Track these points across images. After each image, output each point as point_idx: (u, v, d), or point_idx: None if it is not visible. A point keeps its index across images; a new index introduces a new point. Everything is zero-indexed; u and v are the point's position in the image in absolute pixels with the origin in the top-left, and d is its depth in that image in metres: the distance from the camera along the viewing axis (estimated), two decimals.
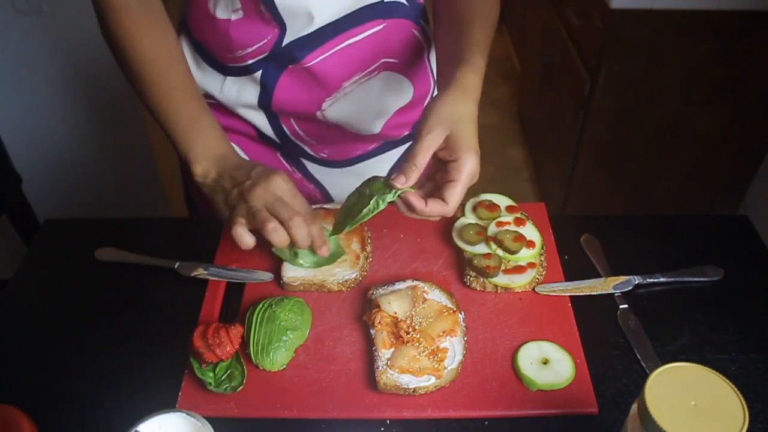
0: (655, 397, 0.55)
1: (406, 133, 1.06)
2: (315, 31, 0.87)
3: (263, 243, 0.77)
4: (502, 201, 0.93)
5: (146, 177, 2.01)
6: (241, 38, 0.88)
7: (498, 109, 3.06)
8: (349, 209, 0.77)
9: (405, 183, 0.72)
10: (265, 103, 0.95)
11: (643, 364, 0.77)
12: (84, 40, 1.68)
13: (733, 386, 0.56)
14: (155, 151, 1.95)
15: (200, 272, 0.87)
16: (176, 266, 0.88)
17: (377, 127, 1.01)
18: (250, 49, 0.89)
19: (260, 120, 0.99)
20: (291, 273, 0.86)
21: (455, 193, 0.72)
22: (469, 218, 0.92)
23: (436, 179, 0.78)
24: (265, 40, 0.88)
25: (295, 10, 0.85)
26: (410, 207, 0.74)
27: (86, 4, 0.86)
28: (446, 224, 0.94)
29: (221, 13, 0.88)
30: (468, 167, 0.72)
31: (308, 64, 0.89)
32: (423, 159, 0.73)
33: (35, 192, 1.72)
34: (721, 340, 0.80)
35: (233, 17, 0.87)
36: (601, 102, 1.86)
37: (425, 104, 0.95)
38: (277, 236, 0.75)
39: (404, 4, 0.91)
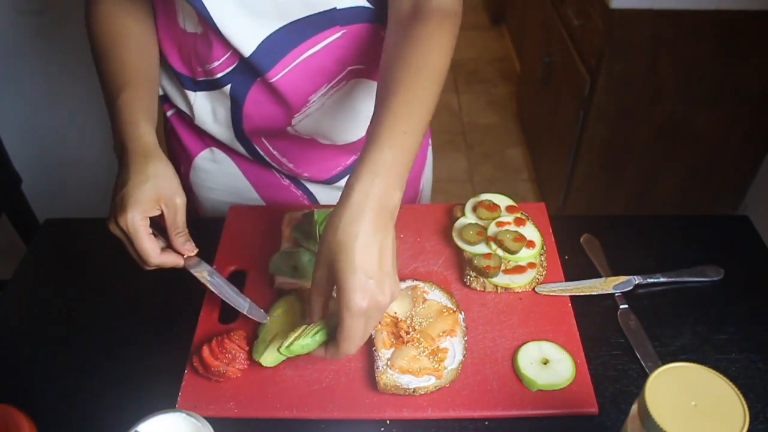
0: (655, 397, 0.55)
1: None
2: (270, 36, 0.82)
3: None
4: (502, 201, 0.93)
5: None
6: (207, 51, 0.87)
7: (498, 109, 3.06)
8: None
9: (310, 321, 0.70)
10: (236, 119, 0.93)
11: (643, 364, 0.77)
12: (84, 40, 1.67)
13: (733, 386, 0.56)
14: None
15: (203, 274, 0.84)
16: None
17: (356, 135, 0.98)
18: (216, 63, 0.87)
19: (230, 140, 0.97)
20: (281, 279, 0.85)
21: (341, 326, 0.65)
22: (469, 218, 0.92)
23: None
24: (230, 52, 0.86)
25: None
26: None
27: None
28: (446, 224, 0.94)
29: (189, 27, 0.87)
30: (345, 309, 0.63)
31: (272, 80, 0.86)
32: (317, 304, 0.69)
33: (35, 192, 1.72)
34: (721, 340, 0.80)
35: (199, 31, 0.86)
36: (601, 102, 1.86)
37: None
38: None
39: (367, 7, 0.85)
